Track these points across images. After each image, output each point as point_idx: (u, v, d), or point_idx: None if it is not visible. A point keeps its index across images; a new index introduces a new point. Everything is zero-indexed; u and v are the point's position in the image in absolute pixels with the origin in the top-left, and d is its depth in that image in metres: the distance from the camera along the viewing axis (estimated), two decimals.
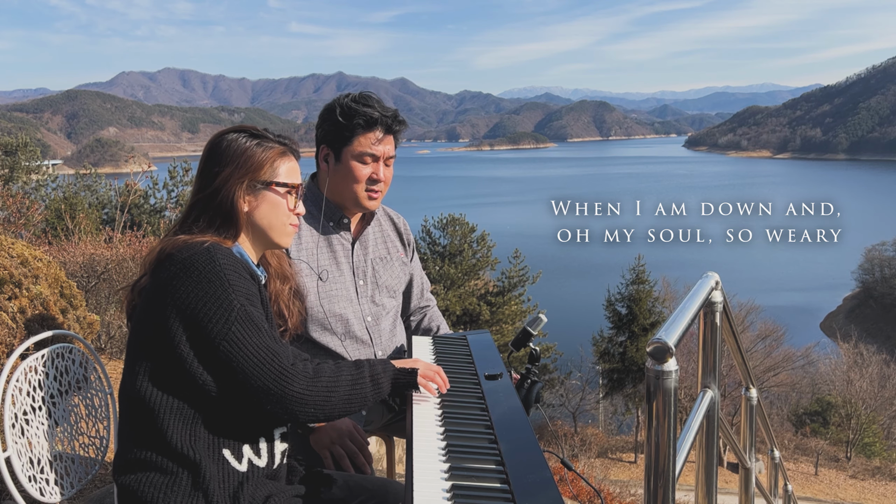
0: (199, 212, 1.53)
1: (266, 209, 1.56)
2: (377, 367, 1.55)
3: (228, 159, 1.53)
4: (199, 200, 1.53)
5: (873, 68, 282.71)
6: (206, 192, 1.52)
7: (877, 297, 50.90)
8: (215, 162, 1.54)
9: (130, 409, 1.45)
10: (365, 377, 1.51)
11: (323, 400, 1.43)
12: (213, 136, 1.59)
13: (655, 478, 1.24)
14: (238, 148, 1.54)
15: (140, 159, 14.51)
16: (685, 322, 1.38)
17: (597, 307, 27.98)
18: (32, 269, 2.68)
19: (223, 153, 1.54)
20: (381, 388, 1.53)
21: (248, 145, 1.55)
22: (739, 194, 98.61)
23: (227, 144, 1.55)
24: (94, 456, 1.98)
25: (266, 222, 1.56)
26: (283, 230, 1.59)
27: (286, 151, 1.60)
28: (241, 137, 1.56)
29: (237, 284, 1.41)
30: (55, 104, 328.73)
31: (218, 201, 1.51)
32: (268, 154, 1.56)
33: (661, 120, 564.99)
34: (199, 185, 1.55)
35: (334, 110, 2.06)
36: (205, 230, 1.50)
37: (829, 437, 26.28)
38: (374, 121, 2.03)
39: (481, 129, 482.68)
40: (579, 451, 22.18)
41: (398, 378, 1.58)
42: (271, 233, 1.58)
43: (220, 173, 1.52)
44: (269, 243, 1.60)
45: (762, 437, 4.23)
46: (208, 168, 1.54)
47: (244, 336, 1.38)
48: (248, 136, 1.57)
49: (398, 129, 2.09)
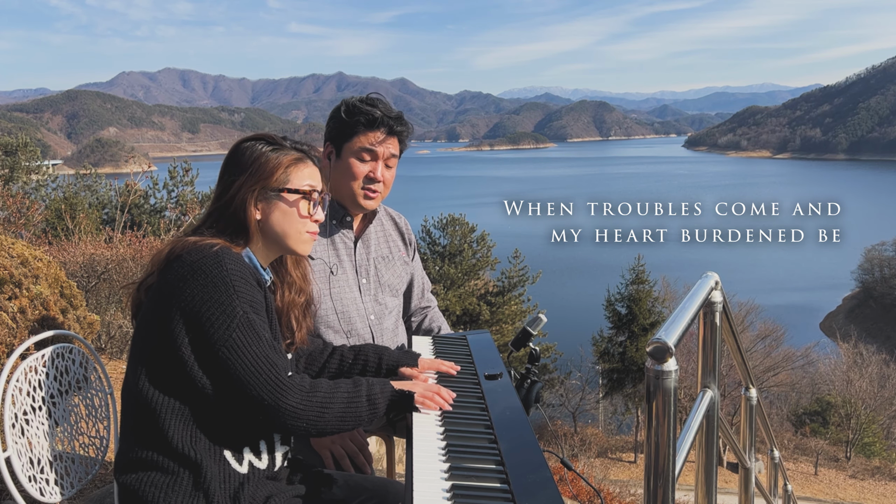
0: (213, 219, 1.53)
1: (278, 216, 1.55)
2: (375, 388, 1.54)
3: (243, 167, 1.53)
4: (215, 209, 1.54)
5: (873, 68, 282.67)
6: (222, 200, 1.53)
7: (877, 297, 50.92)
8: (232, 170, 1.55)
9: (133, 408, 1.45)
10: (361, 396, 1.50)
11: (316, 415, 1.43)
12: (234, 144, 1.60)
13: (655, 478, 1.24)
14: (252, 155, 1.54)
15: (140, 159, 14.49)
16: (685, 322, 1.38)
17: (597, 307, 27.97)
18: (32, 269, 2.68)
19: (239, 161, 1.55)
20: (377, 409, 1.52)
21: (262, 152, 1.55)
22: (739, 194, 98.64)
23: (243, 152, 1.56)
24: (94, 456, 1.98)
25: (280, 229, 1.56)
26: (298, 237, 1.58)
27: (303, 158, 1.59)
28: (257, 144, 1.56)
29: (243, 291, 1.41)
30: (55, 104, 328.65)
31: (231, 210, 1.52)
32: (281, 160, 1.55)
33: (660, 120, 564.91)
34: (217, 193, 1.56)
35: (340, 108, 2.08)
36: (216, 235, 1.51)
37: (828, 437, 26.29)
38: (376, 120, 2.03)
39: (481, 129, 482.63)
40: (579, 451, 22.18)
41: (395, 399, 1.56)
42: (287, 240, 1.57)
43: (235, 181, 1.52)
44: (285, 249, 1.60)
45: (762, 437, 4.23)
46: (226, 176, 1.55)
47: (244, 343, 1.38)
48: (265, 143, 1.57)
49: (400, 130, 2.09)
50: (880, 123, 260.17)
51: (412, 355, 1.86)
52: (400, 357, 1.85)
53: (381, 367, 1.83)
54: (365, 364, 1.82)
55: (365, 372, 1.82)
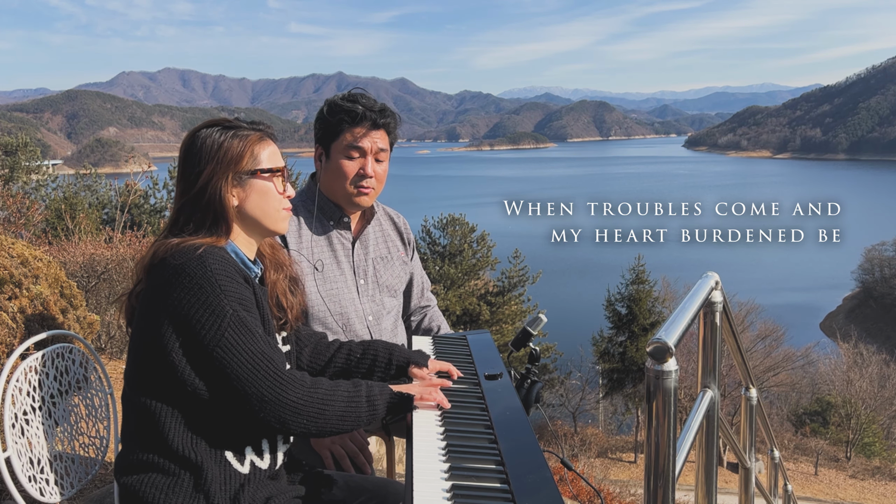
0: (187, 214, 1.49)
1: (256, 198, 1.52)
2: (374, 389, 1.52)
3: (207, 156, 1.49)
4: (185, 203, 1.50)
5: (873, 68, 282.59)
6: (190, 193, 1.49)
7: (877, 297, 50.92)
8: (194, 162, 1.49)
9: (132, 412, 1.45)
10: (361, 396, 1.49)
11: (317, 412, 1.42)
12: (186, 136, 1.54)
13: (655, 478, 1.24)
14: (214, 143, 1.50)
15: (140, 159, 14.49)
16: (685, 322, 1.38)
17: (597, 307, 27.98)
18: (32, 269, 2.68)
19: (200, 151, 1.50)
20: (376, 410, 1.51)
21: (224, 138, 1.50)
22: (739, 194, 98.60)
23: (202, 142, 1.50)
24: (94, 456, 1.98)
25: (259, 211, 1.53)
26: (276, 216, 1.56)
27: (263, 136, 1.56)
28: (214, 132, 1.52)
29: (230, 289, 1.39)
30: (55, 104, 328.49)
31: (205, 201, 1.48)
32: (246, 143, 1.52)
33: (660, 120, 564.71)
34: (182, 188, 1.51)
35: (323, 109, 2.08)
36: (196, 231, 1.48)
37: (828, 437, 26.29)
38: (358, 115, 2.02)
39: (481, 129, 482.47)
40: (579, 451, 22.17)
41: (393, 402, 1.55)
42: (265, 221, 1.55)
43: (202, 172, 1.48)
44: (265, 231, 1.57)
45: (762, 437, 4.23)
46: (188, 169, 1.50)
47: (238, 341, 1.37)
48: (220, 129, 1.53)
49: (385, 122, 2.06)
50: (880, 123, 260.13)
51: (423, 355, 1.81)
52: (411, 355, 1.78)
53: (392, 364, 1.76)
54: (374, 360, 1.76)
55: (373, 368, 1.76)
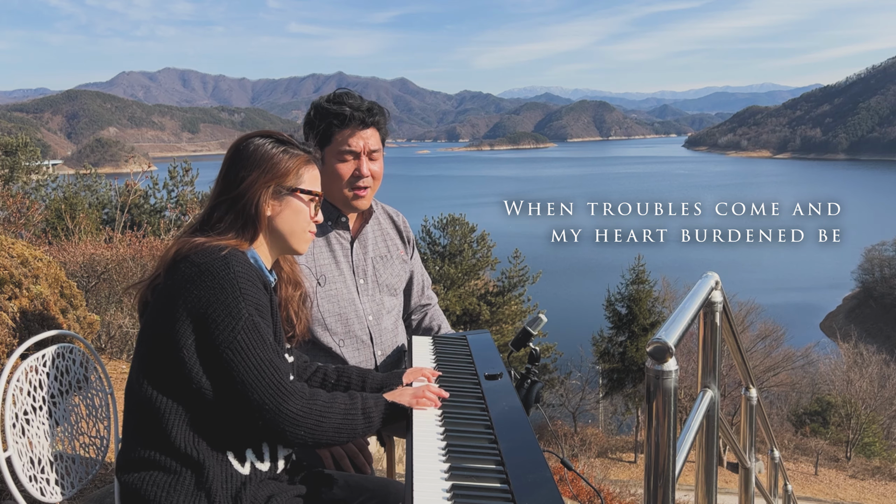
0: (221, 213, 1.53)
1: (289, 215, 1.57)
2: (369, 401, 1.54)
3: (255, 164, 1.53)
4: (221, 202, 1.53)
5: (873, 68, 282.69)
6: (230, 194, 1.53)
7: (877, 297, 50.91)
8: (241, 166, 1.54)
9: (135, 407, 1.45)
10: (357, 409, 1.51)
11: (315, 423, 1.43)
12: (238, 140, 1.59)
13: (655, 478, 1.24)
14: (265, 153, 1.55)
15: (140, 159, 14.50)
16: (685, 322, 1.38)
17: (597, 307, 27.98)
18: (32, 269, 2.68)
19: (250, 157, 1.54)
20: (371, 422, 1.53)
21: (275, 151, 1.55)
22: (739, 194, 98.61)
23: (253, 149, 1.55)
24: (95, 456, 1.98)
25: (287, 228, 1.57)
26: (302, 237, 1.60)
27: (310, 160, 1.61)
28: (267, 143, 1.57)
29: (249, 293, 1.42)
30: (55, 104, 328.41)
31: (242, 204, 1.52)
32: (294, 161, 1.57)
33: (660, 120, 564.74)
34: (221, 188, 1.55)
35: (310, 113, 2.06)
36: (225, 232, 1.50)
37: (828, 437, 26.29)
38: (346, 117, 2.01)
39: (481, 129, 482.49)
40: (579, 450, 22.17)
41: (388, 412, 1.57)
42: (291, 239, 1.59)
43: (246, 177, 1.52)
44: (287, 249, 1.61)
45: (762, 437, 4.23)
46: (233, 171, 1.55)
47: (248, 346, 1.39)
48: (274, 141, 1.57)
49: (374, 120, 2.05)
50: (880, 123, 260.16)
51: (396, 376, 1.82)
52: (384, 379, 1.81)
53: (365, 390, 1.79)
54: (347, 386, 1.79)
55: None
